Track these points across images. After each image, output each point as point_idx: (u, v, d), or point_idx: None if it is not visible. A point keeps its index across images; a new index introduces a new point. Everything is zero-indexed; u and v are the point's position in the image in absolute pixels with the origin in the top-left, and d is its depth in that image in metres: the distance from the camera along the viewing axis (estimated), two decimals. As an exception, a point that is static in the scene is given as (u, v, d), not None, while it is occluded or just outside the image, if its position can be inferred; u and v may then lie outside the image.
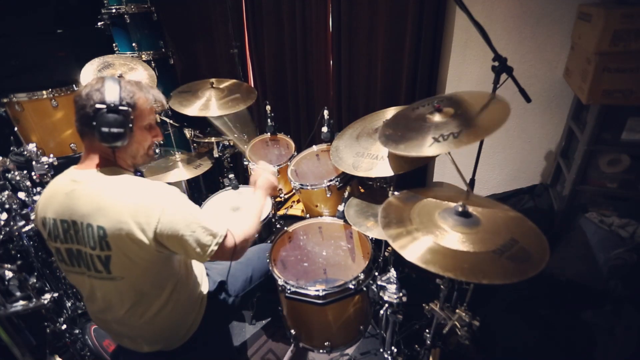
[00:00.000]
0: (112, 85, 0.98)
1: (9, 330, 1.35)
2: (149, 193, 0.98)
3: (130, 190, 0.98)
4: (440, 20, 2.01)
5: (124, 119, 0.98)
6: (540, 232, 0.95)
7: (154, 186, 1.01)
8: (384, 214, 1.09)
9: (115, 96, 0.97)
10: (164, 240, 0.97)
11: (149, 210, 0.95)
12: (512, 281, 0.81)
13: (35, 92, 2.25)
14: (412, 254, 0.91)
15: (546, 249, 0.89)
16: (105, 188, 0.97)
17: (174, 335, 1.15)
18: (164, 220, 0.95)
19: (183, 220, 0.98)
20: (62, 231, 0.99)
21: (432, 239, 0.95)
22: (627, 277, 1.53)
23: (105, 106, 0.95)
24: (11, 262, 1.45)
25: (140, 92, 1.03)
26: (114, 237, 0.94)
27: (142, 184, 1.00)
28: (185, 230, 0.98)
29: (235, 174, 2.10)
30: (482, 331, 1.16)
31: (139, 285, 1.02)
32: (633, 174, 1.66)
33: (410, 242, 0.95)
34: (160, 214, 0.95)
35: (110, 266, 0.98)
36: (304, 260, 1.71)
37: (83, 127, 0.99)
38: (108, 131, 0.96)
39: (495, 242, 0.92)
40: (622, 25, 1.39)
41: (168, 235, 0.96)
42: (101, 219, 0.94)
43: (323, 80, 2.57)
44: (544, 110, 2.00)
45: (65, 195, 0.98)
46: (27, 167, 1.61)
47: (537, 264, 0.85)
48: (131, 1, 2.36)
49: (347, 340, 1.53)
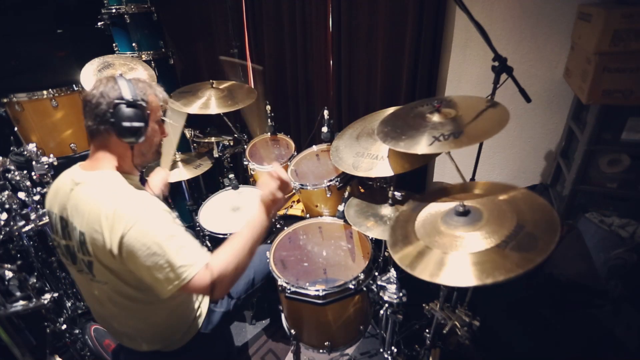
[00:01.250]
0: (125, 83, 0.98)
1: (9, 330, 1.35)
2: (126, 205, 0.91)
3: (109, 197, 0.92)
4: (440, 20, 2.01)
5: (142, 113, 0.99)
6: (550, 209, 0.89)
7: (135, 199, 0.94)
8: (392, 234, 1.06)
9: (132, 92, 0.98)
10: (126, 259, 0.89)
11: (119, 220, 0.88)
12: (517, 274, 0.77)
13: (35, 92, 2.25)
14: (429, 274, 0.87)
15: (556, 228, 0.83)
16: (93, 194, 0.95)
17: (172, 337, 1.15)
18: (129, 237, 0.87)
19: (147, 245, 0.87)
20: (60, 227, 1.01)
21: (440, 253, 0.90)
22: (627, 277, 1.53)
23: (124, 101, 0.96)
24: (11, 262, 1.45)
25: (150, 88, 1.05)
26: (91, 244, 0.93)
27: (125, 194, 0.95)
28: (147, 257, 0.87)
29: (235, 174, 2.10)
30: (482, 331, 1.16)
31: (125, 292, 0.99)
32: (633, 174, 1.65)
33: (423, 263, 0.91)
34: (127, 229, 0.87)
35: (93, 271, 0.98)
36: (304, 260, 1.71)
37: (99, 125, 0.97)
38: (130, 125, 0.96)
39: (501, 233, 0.88)
40: (622, 25, 1.39)
41: (129, 254, 0.88)
42: (83, 224, 0.94)
43: (323, 81, 2.57)
44: (544, 110, 2.00)
45: (65, 193, 0.99)
46: (27, 167, 1.61)
47: (545, 246, 0.80)
48: (131, 1, 2.36)
49: (347, 340, 1.53)
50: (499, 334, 1.62)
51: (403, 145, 1.17)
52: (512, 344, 1.60)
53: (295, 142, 2.23)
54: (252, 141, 2.31)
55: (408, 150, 1.15)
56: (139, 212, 0.90)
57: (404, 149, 1.16)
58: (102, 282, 0.99)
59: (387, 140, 1.23)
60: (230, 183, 2.03)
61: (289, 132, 2.43)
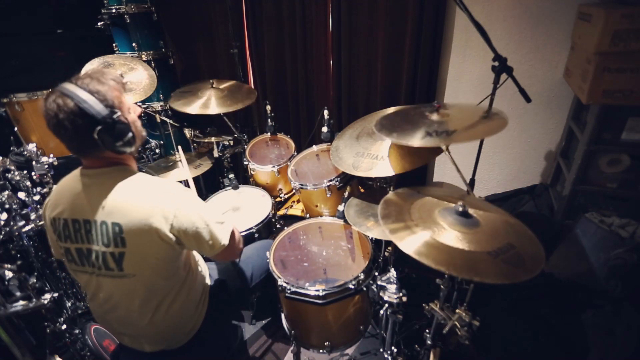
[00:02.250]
0: (83, 97, 0.87)
1: (9, 330, 1.34)
2: (163, 191, 1.00)
3: (145, 188, 0.99)
4: (440, 20, 2.01)
5: (124, 123, 0.94)
6: (538, 242, 0.95)
7: (167, 185, 1.03)
8: (384, 207, 1.09)
9: (99, 107, 0.88)
10: (181, 235, 1.00)
11: (165, 206, 0.97)
12: (503, 282, 0.82)
13: (35, 92, 2.25)
14: (408, 246, 0.92)
15: (542, 259, 0.89)
16: (120, 187, 0.97)
17: (177, 335, 1.15)
18: (180, 215, 0.98)
19: (197, 215, 1.02)
20: (73, 231, 0.99)
21: (429, 233, 0.96)
22: (627, 277, 1.53)
23: (102, 126, 0.89)
24: (11, 262, 1.44)
25: (103, 85, 0.92)
26: (130, 233, 0.95)
27: (155, 182, 1.02)
28: (200, 224, 1.02)
29: (235, 174, 2.10)
30: (482, 331, 1.16)
31: (149, 283, 1.03)
32: (633, 174, 1.66)
33: (408, 235, 0.96)
34: (176, 209, 0.98)
35: (123, 263, 0.98)
36: (304, 260, 1.71)
37: (86, 149, 0.95)
38: (122, 143, 0.94)
39: (492, 244, 0.92)
40: (622, 25, 1.39)
41: (184, 229, 0.99)
42: (117, 216, 0.95)
43: (323, 80, 2.57)
44: (544, 110, 2.00)
45: (75, 195, 0.98)
46: (27, 167, 1.61)
47: (531, 271, 0.85)
48: (131, 1, 2.36)
49: (347, 340, 1.53)
50: (499, 334, 1.62)
51: (396, 135, 1.18)
52: (512, 344, 1.60)
53: (295, 142, 2.23)
54: (252, 141, 2.31)
55: (400, 141, 1.16)
56: (177, 193, 1.01)
57: (396, 139, 1.17)
58: (129, 275, 0.99)
59: (383, 131, 1.24)
60: (230, 183, 2.03)
61: (289, 132, 2.43)
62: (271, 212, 1.82)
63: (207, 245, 1.06)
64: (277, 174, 2.06)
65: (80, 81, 0.91)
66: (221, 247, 1.08)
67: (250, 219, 1.77)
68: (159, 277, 1.04)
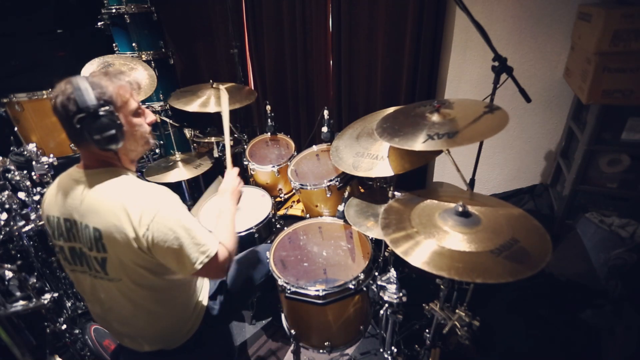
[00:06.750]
0: (82, 86, 0.89)
1: (9, 330, 1.34)
2: (144, 196, 0.94)
3: (126, 192, 0.95)
4: (440, 20, 2.01)
5: (110, 118, 0.92)
6: (544, 231, 0.94)
7: (150, 190, 0.97)
8: (384, 216, 1.09)
9: (90, 98, 0.89)
10: (152, 247, 0.93)
11: (141, 213, 0.91)
12: (507, 280, 0.81)
13: (35, 92, 2.25)
14: (404, 253, 0.92)
15: (548, 249, 0.88)
16: (103, 189, 0.96)
17: (174, 335, 1.15)
18: (154, 227, 0.91)
19: (173, 229, 0.93)
20: (65, 229, 0.99)
21: (431, 241, 0.95)
22: (627, 277, 1.53)
23: (84, 114, 0.89)
24: (11, 262, 1.44)
25: (111, 82, 0.94)
26: (108, 239, 0.93)
27: (138, 186, 0.97)
28: (173, 240, 0.93)
29: (235, 174, 2.10)
30: (482, 331, 1.16)
31: (136, 287, 1.01)
32: (633, 174, 1.66)
33: (410, 244, 0.95)
34: (151, 219, 0.91)
35: (106, 268, 0.97)
36: (304, 260, 1.71)
37: (76, 139, 0.95)
38: (100, 137, 0.91)
39: (495, 241, 0.92)
40: (622, 25, 1.39)
41: (156, 242, 0.92)
42: (97, 220, 0.93)
43: (323, 80, 2.57)
44: (544, 110, 2.00)
45: (67, 194, 0.98)
46: (27, 167, 1.61)
47: (536, 264, 0.84)
48: (131, 1, 2.36)
49: (347, 340, 1.53)
50: (499, 334, 1.62)
51: (398, 140, 1.18)
52: (512, 344, 1.60)
53: (295, 142, 2.23)
54: (252, 141, 2.31)
55: (402, 146, 1.16)
56: (159, 201, 0.95)
57: (398, 144, 1.17)
58: (115, 279, 0.99)
59: (384, 136, 1.24)
60: (230, 183, 2.03)
61: (289, 132, 2.43)
62: (271, 212, 1.82)
63: (180, 265, 0.96)
64: (277, 174, 2.06)
65: (93, 74, 0.96)
66: (196, 267, 0.97)
67: (250, 219, 1.77)
68: (147, 282, 1.01)
